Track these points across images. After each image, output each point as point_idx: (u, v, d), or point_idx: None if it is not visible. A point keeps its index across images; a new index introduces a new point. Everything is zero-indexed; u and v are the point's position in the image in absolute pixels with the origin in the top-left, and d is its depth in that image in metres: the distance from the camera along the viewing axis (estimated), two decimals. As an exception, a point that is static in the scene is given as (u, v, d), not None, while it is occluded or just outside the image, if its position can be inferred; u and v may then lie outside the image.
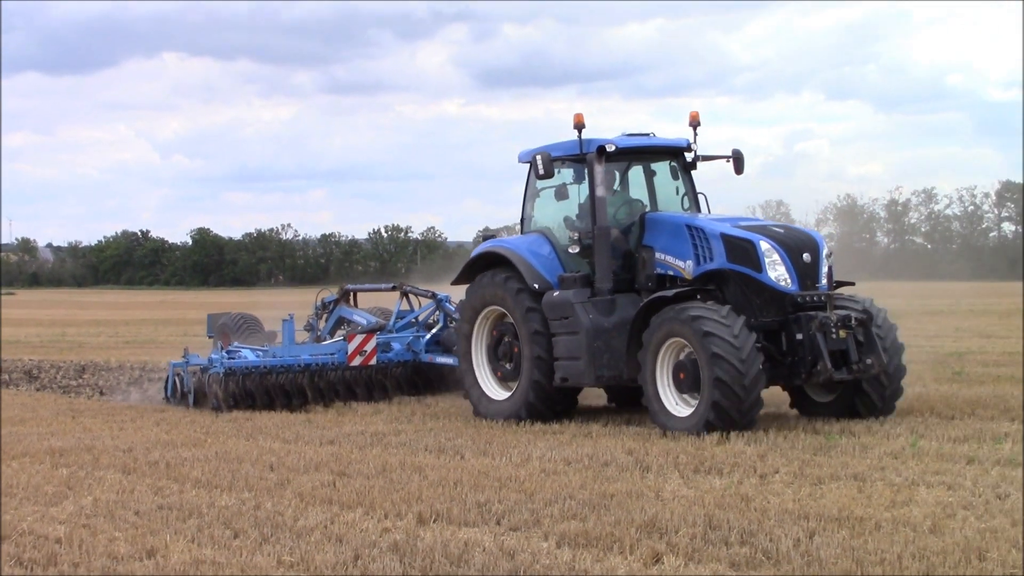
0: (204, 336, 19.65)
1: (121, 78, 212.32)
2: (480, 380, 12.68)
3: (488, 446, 10.49)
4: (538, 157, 11.98)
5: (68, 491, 8.75)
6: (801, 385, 11.40)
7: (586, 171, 12.08)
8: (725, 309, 10.70)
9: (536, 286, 12.06)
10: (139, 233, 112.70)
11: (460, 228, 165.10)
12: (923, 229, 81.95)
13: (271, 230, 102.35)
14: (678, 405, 10.89)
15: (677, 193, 12.76)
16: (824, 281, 11.38)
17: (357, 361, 14.15)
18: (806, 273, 11.19)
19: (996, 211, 78.00)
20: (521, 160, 13.01)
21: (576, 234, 12.03)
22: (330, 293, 17.22)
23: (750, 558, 6.07)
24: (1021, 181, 74.13)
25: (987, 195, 79.58)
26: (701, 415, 10.49)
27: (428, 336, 15.23)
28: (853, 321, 10.88)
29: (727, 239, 11.37)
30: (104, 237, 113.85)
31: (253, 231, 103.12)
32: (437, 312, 15.72)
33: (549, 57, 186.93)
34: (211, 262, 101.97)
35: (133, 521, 7.51)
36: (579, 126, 12.05)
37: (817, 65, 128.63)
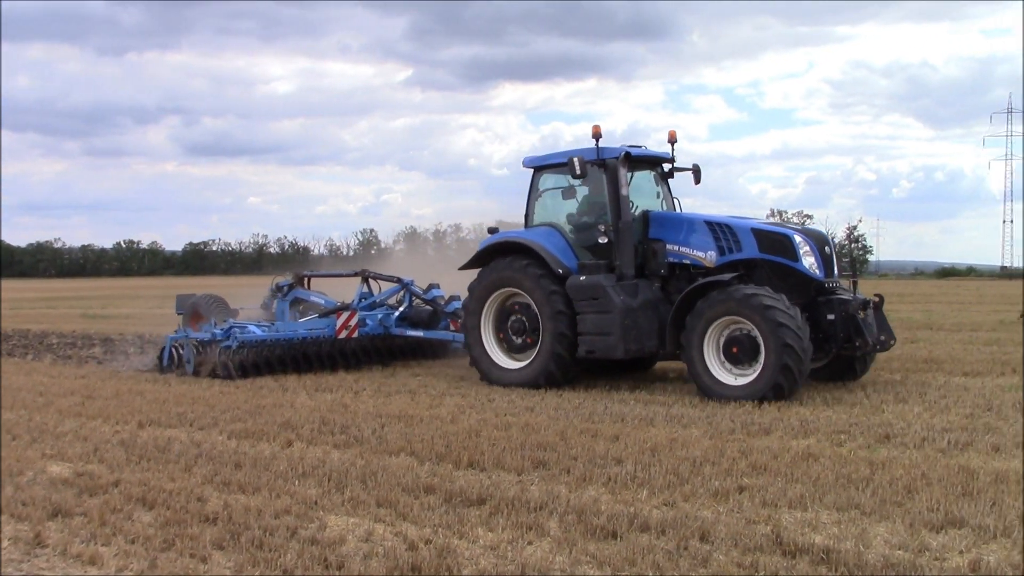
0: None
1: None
2: (490, 351, 14.46)
3: (188, 377, 15.14)
4: (575, 160, 13.58)
5: None
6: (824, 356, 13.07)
7: (603, 174, 13.82)
8: (768, 289, 12.38)
9: (560, 271, 13.75)
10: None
11: (174, 242, 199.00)
12: (454, 248, 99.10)
13: (47, 241, 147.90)
14: (727, 375, 12.29)
15: (658, 197, 14.80)
16: (836, 271, 13.39)
17: (343, 334, 16.37)
18: (827, 263, 13.15)
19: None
20: (526, 165, 14.95)
21: (603, 227, 13.71)
22: (284, 278, 19.17)
23: (346, 441, 10.14)
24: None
25: (486, 227, 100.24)
26: (768, 380, 11.86)
27: (396, 314, 17.50)
28: (870, 305, 13.16)
29: (759, 233, 13.20)
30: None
31: (34, 241, 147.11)
32: (402, 293, 18.05)
33: (232, 137, 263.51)
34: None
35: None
36: (597, 136, 13.86)
37: (395, 148, 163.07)
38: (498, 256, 14.55)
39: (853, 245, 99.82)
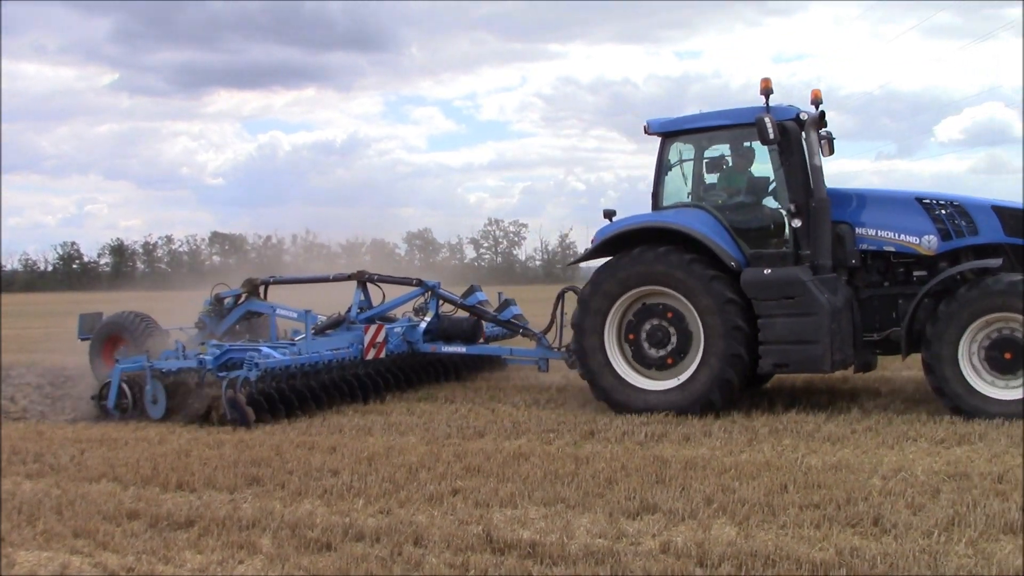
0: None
1: None
2: (616, 366, 11.45)
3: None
4: (766, 119, 10.73)
5: None
6: None
7: (775, 142, 10.84)
8: None
9: (733, 264, 10.98)
10: None
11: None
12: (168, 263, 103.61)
13: None
14: (990, 387, 10.16)
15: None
16: None
17: (371, 355, 13.07)
18: None
19: (210, 249, 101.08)
20: (653, 130, 11.99)
21: (793, 206, 10.98)
22: (226, 287, 15.43)
23: (39, 471, 9.17)
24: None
25: (204, 239, 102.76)
26: None
27: (423, 326, 14.09)
28: None
29: (1004, 212, 10.83)
30: None
31: None
32: (424, 299, 14.55)
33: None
34: None
35: None
36: (767, 92, 11.01)
37: (100, 156, 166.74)
38: (636, 245, 11.44)
39: (566, 252, 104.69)
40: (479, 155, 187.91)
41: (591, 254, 12.15)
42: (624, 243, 11.58)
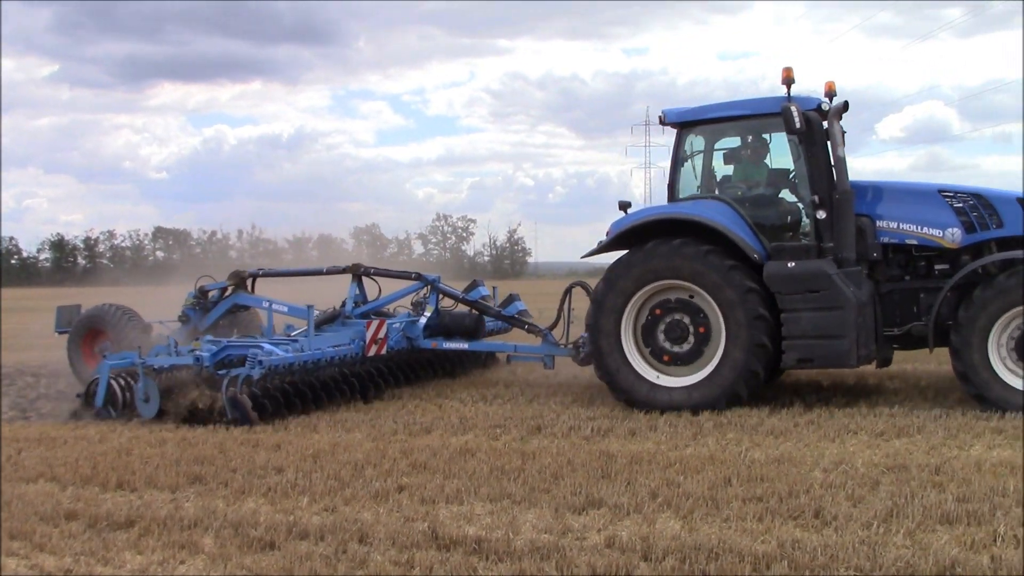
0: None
1: None
2: (633, 363, 11.23)
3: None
4: (792, 108, 10.64)
5: None
6: None
7: (795, 134, 10.83)
8: None
9: (756, 257, 10.85)
10: None
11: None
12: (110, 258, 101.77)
13: None
14: (1017, 377, 10.10)
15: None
16: None
17: (373, 351, 12.65)
18: None
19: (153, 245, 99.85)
20: (670, 120, 11.81)
21: (817, 198, 10.85)
22: (211, 280, 14.98)
23: None
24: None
25: (147, 234, 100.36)
26: None
27: (422, 321, 13.69)
28: None
29: None
30: None
31: None
32: (423, 294, 14.22)
33: None
34: None
35: None
36: (789, 81, 10.86)
37: (39, 149, 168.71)
38: (650, 238, 11.23)
39: (514, 247, 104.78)
40: (427, 150, 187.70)
41: (606, 247, 11.83)
42: (639, 236, 11.35)
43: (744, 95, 12.03)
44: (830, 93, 11.54)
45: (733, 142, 11.83)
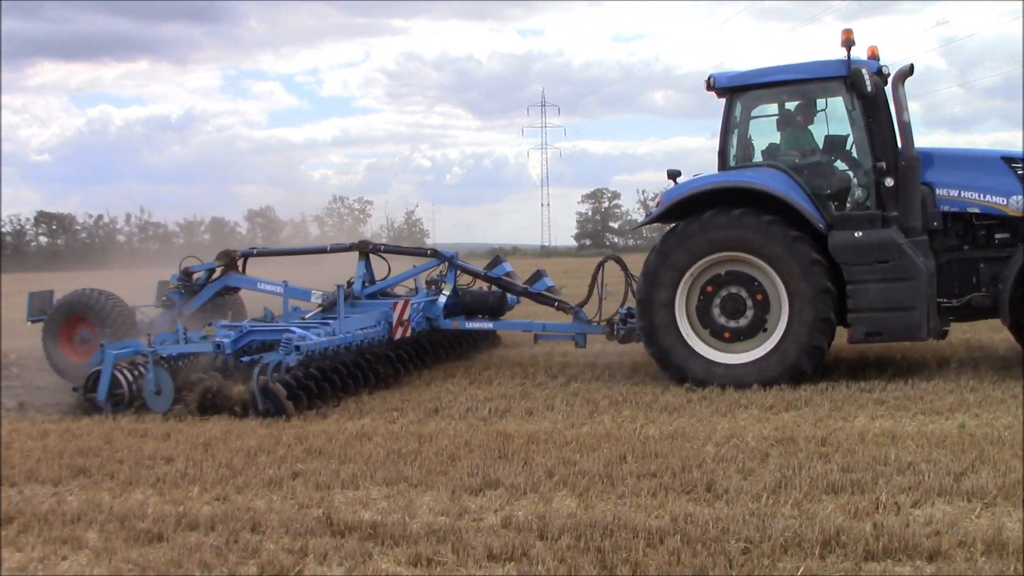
0: None
1: None
2: (687, 339, 10.87)
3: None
4: (863, 71, 10.40)
5: None
6: None
7: (856, 98, 10.65)
8: None
9: (821, 227, 10.53)
10: None
11: None
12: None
13: None
14: None
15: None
16: None
17: (399, 334, 12.09)
18: None
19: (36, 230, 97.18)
20: (720, 85, 11.32)
21: (883, 164, 10.56)
22: (197, 261, 14.19)
23: None
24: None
25: (29, 219, 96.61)
26: None
27: (442, 300, 13.12)
28: None
29: None
30: None
31: None
32: (440, 271, 13.58)
33: None
34: None
35: None
36: (849, 43, 10.55)
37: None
38: (702, 209, 10.81)
39: (412, 229, 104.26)
40: (322, 131, 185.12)
41: (658, 218, 11.56)
42: (690, 207, 10.95)
43: (638, 78, 11.93)
44: (874, 58, 11.28)
45: (777, 109, 11.48)
